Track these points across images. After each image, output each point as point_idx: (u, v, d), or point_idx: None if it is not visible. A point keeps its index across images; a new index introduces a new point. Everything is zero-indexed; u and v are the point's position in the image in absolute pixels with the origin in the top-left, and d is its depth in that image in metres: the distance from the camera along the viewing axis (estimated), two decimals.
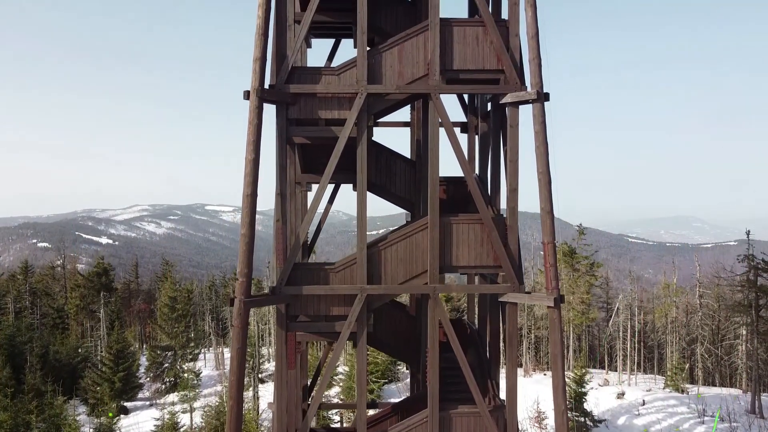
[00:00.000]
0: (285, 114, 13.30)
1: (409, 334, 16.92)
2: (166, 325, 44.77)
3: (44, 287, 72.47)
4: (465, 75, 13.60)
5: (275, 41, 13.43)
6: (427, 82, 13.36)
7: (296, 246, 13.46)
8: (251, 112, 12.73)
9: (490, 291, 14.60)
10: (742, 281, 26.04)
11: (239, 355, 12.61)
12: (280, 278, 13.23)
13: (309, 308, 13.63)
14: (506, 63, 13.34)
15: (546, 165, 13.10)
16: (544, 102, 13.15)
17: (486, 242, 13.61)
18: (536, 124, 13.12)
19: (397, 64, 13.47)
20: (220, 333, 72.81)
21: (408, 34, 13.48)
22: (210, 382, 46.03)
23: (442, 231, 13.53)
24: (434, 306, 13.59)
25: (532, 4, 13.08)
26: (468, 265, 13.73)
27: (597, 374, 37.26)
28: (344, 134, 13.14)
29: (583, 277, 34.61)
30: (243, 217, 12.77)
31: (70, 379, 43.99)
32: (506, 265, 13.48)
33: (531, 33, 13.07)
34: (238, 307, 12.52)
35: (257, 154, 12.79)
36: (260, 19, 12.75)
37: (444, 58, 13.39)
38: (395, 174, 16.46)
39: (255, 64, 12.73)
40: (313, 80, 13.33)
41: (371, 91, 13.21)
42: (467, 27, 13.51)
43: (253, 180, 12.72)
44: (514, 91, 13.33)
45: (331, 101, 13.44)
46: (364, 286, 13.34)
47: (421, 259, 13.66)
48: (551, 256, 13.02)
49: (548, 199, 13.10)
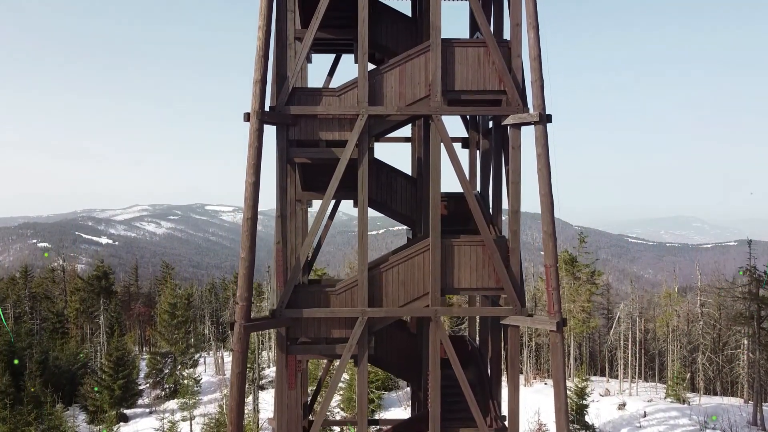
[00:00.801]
0: (286, 135, 13.21)
1: (410, 352, 16.81)
2: (166, 331, 44.70)
3: (44, 291, 72.43)
4: (467, 96, 13.50)
5: (275, 62, 13.32)
6: (429, 104, 13.26)
7: (296, 268, 13.36)
8: (251, 134, 12.64)
9: (492, 314, 14.49)
10: (744, 293, 25.95)
11: (239, 380, 12.51)
12: (281, 301, 13.14)
13: (310, 331, 13.54)
14: (508, 84, 13.24)
15: (548, 187, 13.00)
16: (546, 124, 13.05)
17: (488, 264, 13.52)
18: (538, 147, 13.02)
19: (398, 84, 13.37)
20: (219, 337, 72.78)
21: (409, 54, 13.38)
22: (210, 388, 45.98)
23: (443, 253, 13.44)
24: (435, 329, 13.50)
25: (534, 26, 12.98)
26: (469, 287, 13.64)
27: (598, 382, 37.19)
28: (345, 156, 13.05)
29: (584, 286, 34.51)
30: (243, 241, 12.68)
31: (69, 385, 43.93)
32: (508, 287, 13.39)
33: (533, 55, 12.97)
34: (239, 332, 12.42)
35: (257, 177, 12.71)
36: (260, 40, 12.65)
37: (445, 79, 13.29)
38: (396, 191, 16.37)
39: (255, 86, 12.64)
40: (314, 101, 13.24)
41: (372, 112, 13.12)
42: (469, 48, 13.41)
43: (254, 203, 12.63)
44: (516, 112, 13.23)
45: (331, 122, 13.35)
46: (365, 309, 13.25)
47: (423, 280, 13.57)
48: (554, 280, 12.92)
49: (551, 222, 13.02)
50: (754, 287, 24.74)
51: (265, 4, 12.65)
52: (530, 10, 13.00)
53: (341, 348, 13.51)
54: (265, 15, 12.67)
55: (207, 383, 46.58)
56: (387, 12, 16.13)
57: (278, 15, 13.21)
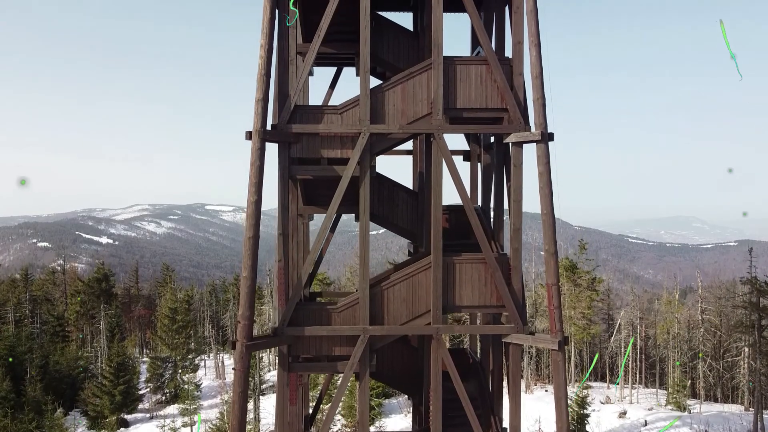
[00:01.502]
0: (287, 153, 13.21)
1: (411, 366, 16.81)
2: (167, 336, 44.71)
3: (44, 293, 72.49)
4: (468, 114, 13.50)
5: (277, 80, 13.33)
6: (430, 122, 13.26)
7: (298, 287, 13.37)
8: (253, 153, 12.64)
9: (494, 332, 14.49)
10: (745, 302, 25.96)
11: (241, 399, 12.52)
12: (282, 319, 13.14)
13: (311, 348, 13.54)
14: (510, 102, 13.24)
15: (550, 206, 13.01)
16: (548, 142, 13.05)
17: (489, 282, 13.53)
18: (540, 165, 13.02)
19: (399, 102, 13.37)
20: (220, 340, 72.79)
21: (411, 72, 13.38)
22: (211, 393, 46.01)
23: (445, 270, 13.44)
24: (437, 347, 13.50)
25: (536, 44, 12.98)
26: (471, 305, 13.65)
27: (598, 388, 37.19)
28: (347, 174, 13.05)
29: (585, 292, 34.52)
30: (245, 260, 12.67)
31: (70, 390, 43.96)
32: (510, 305, 13.39)
33: (535, 73, 12.97)
34: (240, 351, 12.43)
35: (259, 196, 12.73)
36: (262, 59, 12.65)
37: (447, 97, 13.29)
38: (397, 205, 16.38)
39: (257, 105, 12.63)
40: (316, 119, 13.23)
41: (374, 131, 13.12)
42: (471, 66, 13.41)
43: (256, 222, 12.64)
44: (518, 130, 13.23)
45: (333, 140, 13.34)
46: (367, 327, 13.25)
47: (424, 298, 13.57)
48: (555, 299, 12.93)
49: (552, 241, 13.02)
50: (754, 297, 24.74)
51: (267, 23, 12.65)
52: (532, 29, 13.00)
53: (343, 365, 13.51)
54: (267, 33, 12.67)
55: (207, 388, 46.61)
56: (388, 26, 16.13)
57: (280, 33, 13.22)
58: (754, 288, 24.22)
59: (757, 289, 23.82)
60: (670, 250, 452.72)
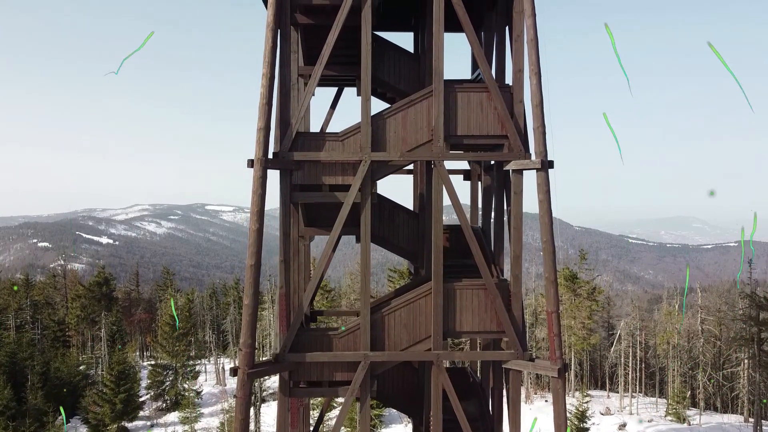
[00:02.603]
0: (289, 180, 13.27)
1: (412, 387, 16.89)
2: (167, 343, 44.78)
3: (45, 297, 72.63)
4: (469, 140, 13.57)
5: (279, 108, 13.39)
6: (431, 149, 13.33)
7: (299, 313, 13.44)
8: (255, 181, 12.71)
9: (494, 358, 14.56)
10: (744, 315, 26.04)
11: (242, 426, 12.59)
12: (284, 346, 13.21)
13: (312, 374, 13.61)
14: (510, 130, 13.30)
15: (550, 234, 13.08)
16: (548, 170, 13.11)
17: (489, 308, 13.60)
18: (540, 193, 13.09)
19: (400, 129, 13.44)
20: (220, 345, 72.86)
21: (412, 100, 13.45)
22: (211, 400, 46.08)
23: (445, 296, 13.51)
24: (438, 373, 13.57)
25: (537, 73, 13.04)
26: (471, 330, 13.71)
27: (597, 397, 37.26)
28: (348, 202, 13.12)
29: (585, 303, 34.59)
30: (246, 288, 12.73)
31: (70, 397, 44.01)
32: (510, 331, 13.46)
33: (535, 101, 13.04)
34: (242, 379, 12.50)
35: (261, 224, 12.79)
36: (264, 88, 12.72)
37: (448, 124, 13.36)
38: (398, 226, 16.47)
39: (259, 133, 12.69)
40: (317, 146, 13.30)
41: (375, 158, 13.19)
42: (471, 93, 13.47)
43: (257, 250, 12.70)
44: (518, 158, 13.30)
45: (335, 166, 13.41)
46: (368, 353, 13.32)
47: (425, 324, 13.64)
48: (555, 326, 12.99)
49: (552, 269, 13.08)
50: (754, 310, 24.82)
51: (268, 52, 12.71)
52: (532, 58, 13.06)
53: (344, 390, 13.59)
54: (269, 63, 12.73)
55: (208, 395, 46.69)
56: (389, 48, 16.18)
57: (282, 61, 13.28)
58: (753, 302, 24.32)
59: (757, 304, 23.91)
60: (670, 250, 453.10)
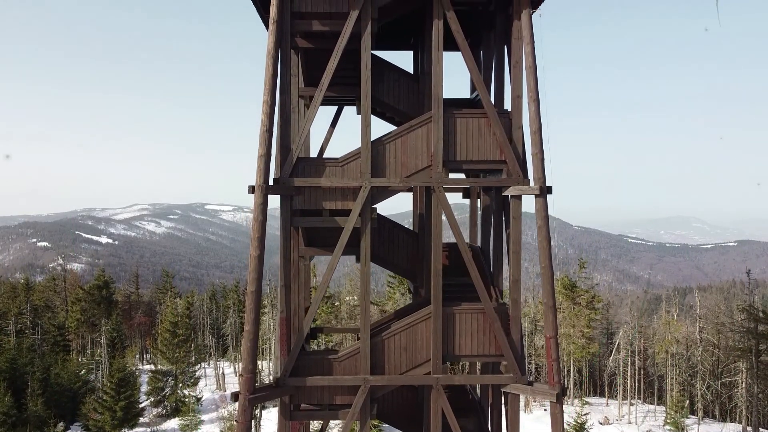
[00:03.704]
0: (290, 205, 13.38)
1: (412, 405, 16.99)
2: (167, 350, 44.88)
3: (45, 301, 72.76)
4: (468, 166, 13.70)
5: (280, 134, 13.48)
6: (430, 174, 13.43)
7: (300, 337, 13.54)
8: (256, 208, 12.81)
9: (493, 382, 14.67)
10: (742, 327, 26.16)
11: None
12: (284, 370, 13.32)
13: (313, 398, 13.73)
14: (509, 156, 13.40)
15: (548, 259, 13.18)
16: (546, 196, 13.22)
17: (488, 332, 13.71)
18: (539, 219, 13.20)
19: (400, 155, 13.54)
20: (220, 349, 73.02)
21: (411, 125, 13.56)
22: (211, 406, 46.20)
23: (444, 320, 13.62)
24: (437, 397, 13.68)
25: (535, 99, 13.14)
26: (470, 354, 13.82)
27: (596, 405, 37.38)
28: (348, 227, 13.23)
29: (584, 312, 34.71)
30: (247, 314, 12.83)
31: (71, 403, 44.15)
32: (508, 355, 13.56)
33: (534, 128, 13.14)
34: (243, 404, 12.61)
35: (262, 251, 12.89)
36: (265, 114, 12.82)
37: (447, 150, 13.46)
38: (397, 246, 16.57)
39: (260, 160, 12.79)
40: (317, 172, 13.40)
41: (375, 184, 13.29)
42: (470, 119, 13.58)
43: (258, 276, 12.80)
44: (517, 184, 13.40)
45: (335, 191, 13.52)
46: (368, 377, 13.44)
47: (424, 348, 13.75)
48: (554, 351, 13.10)
49: (551, 294, 13.18)
50: (752, 323, 24.94)
51: (269, 79, 12.80)
52: (531, 84, 13.16)
53: (344, 413, 13.70)
54: (269, 90, 12.82)
55: (208, 401, 46.82)
56: (389, 69, 16.25)
57: (282, 88, 13.36)
58: (750, 316, 24.44)
59: (755, 318, 24.04)
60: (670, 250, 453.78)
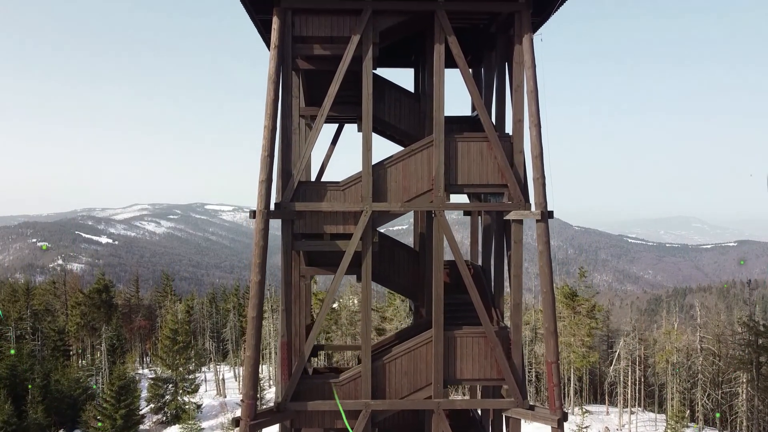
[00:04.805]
0: (291, 229, 13.37)
1: (413, 424, 17.00)
2: (167, 357, 44.87)
3: (45, 304, 72.76)
4: (469, 190, 13.70)
5: (281, 158, 13.46)
6: (431, 198, 13.42)
7: (301, 362, 13.52)
8: (257, 233, 12.79)
9: (494, 406, 14.66)
10: (742, 339, 26.17)
11: None
12: (285, 395, 13.31)
13: (314, 422, 13.71)
14: (510, 179, 13.39)
15: (550, 284, 13.17)
16: (547, 221, 13.21)
17: (489, 355, 13.70)
18: (540, 244, 13.19)
19: (401, 178, 13.53)
20: (220, 352, 73.02)
21: (413, 149, 13.54)
22: (212, 413, 46.22)
23: (446, 345, 13.61)
24: (438, 421, 13.67)
25: (537, 124, 13.13)
26: (472, 378, 13.80)
27: (597, 413, 37.39)
28: (349, 252, 13.22)
29: (584, 320, 34.72)
30: (248, 339, 12.83)
31: (71, 410, 44.15)
32: (510, 379, 13.55)
33: (535, 153, 13.13)
34: (244, 430, 12.60)
35: (263, 276, 12.89)
36: (266, 140, 12.82)
37: (448, 173, 13.45)
38: (398, 264, 16.57)
39: (261, 186, 12.78)
40: (318, 196, 13.38)
41: (376, 208, 13.27)
42: (472, 142, 13.57)
43: (259, 302, 12.79)
44: (518, 208, 13.39)
45: (336, 215, 13.50)
46: (369, 402, 13.42)
47: (425, 372, 13.73)
48: (555, 376, 13.10)
49: (552, 320, 13.17)
50: (752, 336, 24.95)
51: (270, 104, 12.80)
52: (532, 109, 13.15)
53: None
54: (270, 115, 12.81)
55: (208, 407, 46.83)
56: (390, 88, 16.25)
57: (284, 112, 13.35)
58: (751, 330, 24.47)
59: (755, 332, 24.05)
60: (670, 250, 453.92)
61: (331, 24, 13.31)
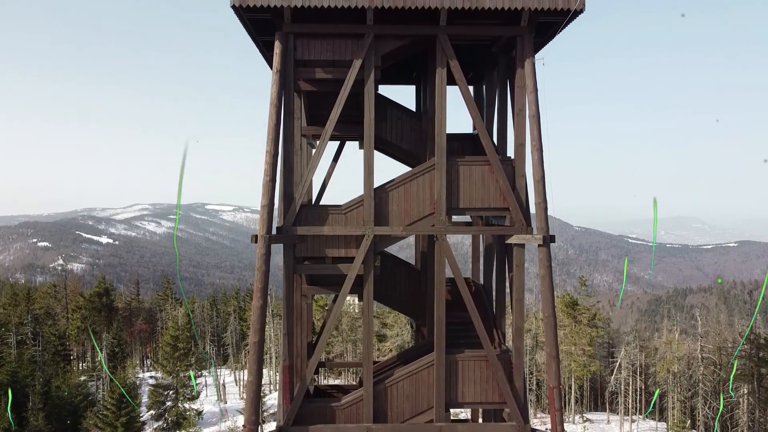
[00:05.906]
0: (293, 253, 13.36)
1: None
2: (168, 363, 44.87)
3: (45, 308, 72.81)
4: (471, 213, 13.71)
5: (283, 182, 13.45)
6: (433, 222, 13.41)
7: (302, 386, 13.52)
8: (259, 258, 12.79)
9: (496, 430, 14.67)
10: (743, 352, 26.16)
11: None
12: (287, 418, 13.30)
13: None
14: (512, 203, 13.38)
15: (552, 309, 13.15)
16: (549, 245, 13.19)
17: (491, 379, 13.70)
18: (542, 269, 13.18)
19: (403, 202, 13.52)
20: (221, 356, 73.03)
21: (414, 173, 13.54)
22: (212, 419, 46.23)
23: (447, 368, 13.61)
24: None
25: (538, 148, 13.12)
26: (473, 401, 13.82)
27: (597, 422, 37.38)
28: (351, 276, 13.22)
29: (585, 329, 34.72)
30: (250, 365, 12.83)
31: (72, 417, 44.12)
32: (511, 403, 13.55)
33: (537, 177, 13.12)
34: None
35: (265, 301, 12.88)
36: (267, 164, 12.80)
37: (450, 197, 13.44)
38: (400, 284, 16.61)
39: (262, 210, 12.77)
40: (320, 220, 13.37)
41: (378, 232, 13.26)
42: (473, 166, 13.56)
43: (261, 327, 12.78)
44: (520, 232, 13.37)
45: (338, 239, 13.50)
46: (371, 426, 13.42)
47: (427, 395, 13.72)
48: (557, 401, 13.09)
49: (554, 345, 13.16)
50: (754, 349, 24.95)
51: (272, 129, 12.79)
52: (534, 134, 13.14)
53: None
54: (272, 140, 12.80)
55: (209, 413, 46.84)
56: (391, 107, 16.24)
57: (285, 137, 13.34)
58: (752, 344, 24.46)
59: (756, 345, 24.04)
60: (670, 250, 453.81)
61: (333, 48, 13.29)
